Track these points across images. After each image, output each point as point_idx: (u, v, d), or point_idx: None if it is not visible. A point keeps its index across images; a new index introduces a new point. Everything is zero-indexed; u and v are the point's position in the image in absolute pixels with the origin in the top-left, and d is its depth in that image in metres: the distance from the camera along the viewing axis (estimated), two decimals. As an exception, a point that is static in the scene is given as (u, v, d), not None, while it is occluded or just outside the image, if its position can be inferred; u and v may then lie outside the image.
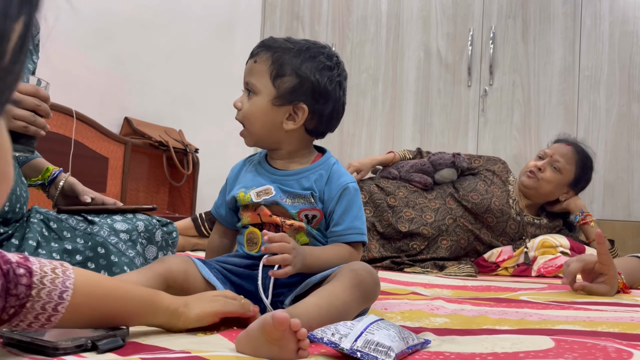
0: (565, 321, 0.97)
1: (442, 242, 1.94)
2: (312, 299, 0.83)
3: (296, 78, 0.98)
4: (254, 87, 1.00)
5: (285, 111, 1.00)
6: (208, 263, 1.00)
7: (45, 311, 0.65)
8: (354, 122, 3.26)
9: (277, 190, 1.01)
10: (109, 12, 2.62)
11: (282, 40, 1.02)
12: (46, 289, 0.65)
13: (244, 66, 1.06)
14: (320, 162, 1.04)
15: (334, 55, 1.03)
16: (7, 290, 0.62)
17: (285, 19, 3.50)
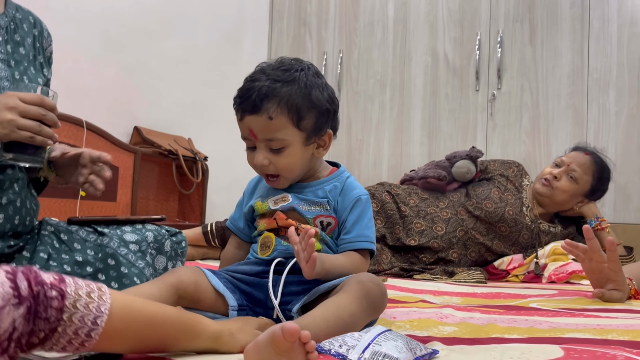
0: (575, 329, 0.96)
1: (452, 255, 1.93)
2: (320, 311, 0.84)
3: (314, 111, 0.99)
4: (283, 142, 0.98)
5: (315, 144, 1.02)
6: (218, 273, 1.01)
7: (78, 336, 0.62)
8: (362, 127, 3.26)
9: (294, 197, 1.03)
10: (118, 22, 2.65)
11: (270, 79, 0.97)
12: (79, 313, 0.62)
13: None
14: (335, 175, 1.07)
15: (310, 65, 1.03)
16: (36, 312, 0.59)
17: (292, 26, 3.52)
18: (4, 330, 0.53)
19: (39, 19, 1.23)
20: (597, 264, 1.30)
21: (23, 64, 1.13)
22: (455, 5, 3.09)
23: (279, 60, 1.02)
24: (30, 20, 1.19)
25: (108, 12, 2.60)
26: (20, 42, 1.14)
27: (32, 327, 0.58)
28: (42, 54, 1.21)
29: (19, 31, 1.15)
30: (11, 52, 1.11)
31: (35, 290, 0.59)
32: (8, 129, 0.92)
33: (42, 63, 1.22)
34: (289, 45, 3.52)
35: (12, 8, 1.15)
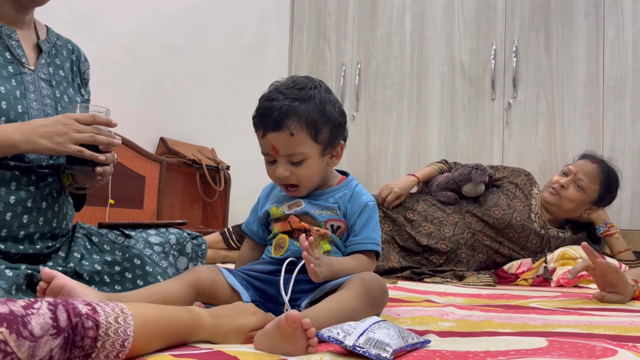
0: (567, 325, 1.02)
1: (461, 256, 1.99)
2: (324, 305, 0.92)
3: (329, 125, 1.09)
4: (303, 155, 1.07)
5: (329, 155, 1.12)
6: (233, 272, 1.10)
7: (108, 358, 0.68)
8: (380, 137, 3.33)
9: (307, 203, 1.12)
10: (144, 39, 2.79)
11: (288, 97, 1.05)
12: (110, 340, 0.67)
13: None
14: (344, 183, 1.17)
15: (320, 82, 1.12)
16: (73, 342, 0.63)
17: (312, 39, 3.63)
18: (40, 358, 0.57)
19: (77, 46, 1.35)
20: (600, 270, 1.36)
21: (63, 85, 1.25)
22: (471, 16, 3.16)
23: (292, 79, 1.12)
24: (69, 47, 1.32)
25: (135, 30, 2.75)
26: (60, 65, 1.27)
27: (68, 355, 0.62)
28: (79, 76, 1.34)
29: (59, 56, 1.27)
30: (52, 74, 1.23)
31: (73, 322, 0.64)
32: (61, 142, 1.04)
33: (80, 84, 1.34)
34: (309, 57, 3.63)
35: (53, 36, 1.29)
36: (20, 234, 1.11)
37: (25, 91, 1.15)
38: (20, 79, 1.15)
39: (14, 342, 0.56)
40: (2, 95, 1.10)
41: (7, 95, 1.10)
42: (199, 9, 3.13)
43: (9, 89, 1.11)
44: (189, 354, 0.76)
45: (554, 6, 2.95)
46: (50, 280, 0.85)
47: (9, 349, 0.55)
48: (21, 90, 1.14)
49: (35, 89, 1.17)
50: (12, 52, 1.15)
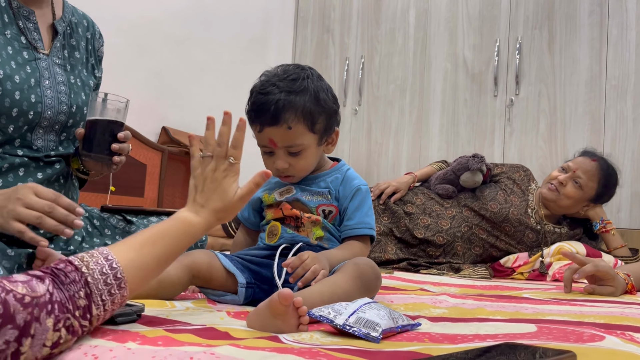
0: (557, 314, 1.03)
1: (457, 249, 2.00)
2: (317, 287, 0.93)
3: (323, 114, 1.09)
4: (301, 146, 1.08)
5: (325, 142, 1.13)
6: (228, 255, 1.11)
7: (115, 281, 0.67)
8: (381, 131, 3.34)
9: (298, 189, 1.13)
10: (148, 29, 2.80)
11: (281, 88, 1.05)
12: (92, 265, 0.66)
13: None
14: (336, 168, 1.18)
15: (311, 69, 1.12)
16: (61, 281, 0.62)
17: (316, 33, 3.63)
18: (44, 300, 0.58)
19: (92, 21, 1.34)
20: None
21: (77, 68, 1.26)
22: (475, 12, 3.16)
23: (283, 69, 1.11)
24: (84, 23, 1.31)
25: (139, 19, 2.76)
26: (76, 46, 1.26)
27: (67, 294, 0.62)
28: (94, 55, 1.33)
29: (74, 35, 1.27)
30: (67, 57, 1.23)
31: (49, 269, 0.64)
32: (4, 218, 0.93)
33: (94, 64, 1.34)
34: (312, 50, 3.63)
35: (68, 12, 1.27)
36: None
37: (40, 78, 1.14)
38: (35, 65, 1.14)
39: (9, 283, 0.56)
40: (17, 84, 1.09)
41: (22, 84, 1.10)
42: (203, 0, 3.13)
43: (23, 77, 1.10)
44: (181, 329, 0.77)
45: (558, 4, 2.95)
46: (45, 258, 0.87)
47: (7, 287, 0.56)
48: (36, 78, 1.13)
49: (50, 75, 1.17)
50: (27, 36, 1.14)
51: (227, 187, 0.84)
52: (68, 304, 0.61)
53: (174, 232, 0.79)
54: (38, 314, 0.56)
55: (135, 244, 0.74)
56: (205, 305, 1.02)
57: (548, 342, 0.74)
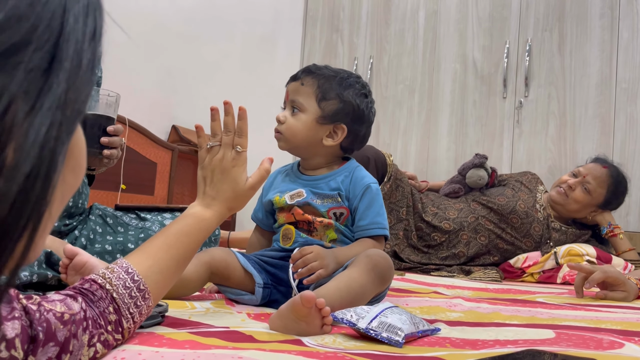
0: (573, 319, 1.03)
1: (462, 237, 2.02)
2: (333, 283, 0.94)
3: (340, 102, 1.12)
4: (301, 105, 1.12)
5: (326, 129, 1.13)
6: (247, 255, 1.12)
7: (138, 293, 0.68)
8: (389, 132, 3.34)
9: (308, 192, 1.14)
10: (159, 27, 2.81)
11: (325, 67, 1.16)
12: (115, 281, 0.66)
13: (285, 77, 1.19)
14: (345, 167, 1.18)
15: (366, 84, 1.18)
16: (90, 299, 0.63)
17: (325, 32, 3.63)
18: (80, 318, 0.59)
19: None
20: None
21: None
22: (485, 13, 3.16)
23: (348, 70, 1.18)
24: None
25: (150, 18, 2.77)
26: None
27: (98, 310, 0.63)
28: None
29: None
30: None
31: (78, 287, 0.65)
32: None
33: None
34: (321, 50, 3.63)
35: None
36: None
37: None
38: None
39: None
40: None
41: None
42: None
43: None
44: (205, 332, 0.78)
45: (569, 6, 2.95)
46: (73, 256, 0.88)
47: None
48: None
49: None
50: None
51: (237, 176, 0.84)
52: (100, 320, 0.63)
53: (187, 231, 0.79)
54: (75, 331, 0.58)
55: (151, 250, 0.74)
56: (224, 307, 1.03)
57: (569, 348, 0.75)
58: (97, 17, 0.38)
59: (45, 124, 0.31)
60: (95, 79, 0.39)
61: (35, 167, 0.30)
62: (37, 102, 0.31)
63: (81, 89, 0.35)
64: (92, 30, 0.37)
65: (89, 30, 0.36)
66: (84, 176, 0.41)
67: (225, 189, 0.83)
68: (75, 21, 0.34)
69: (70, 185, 0.39)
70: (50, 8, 0.33)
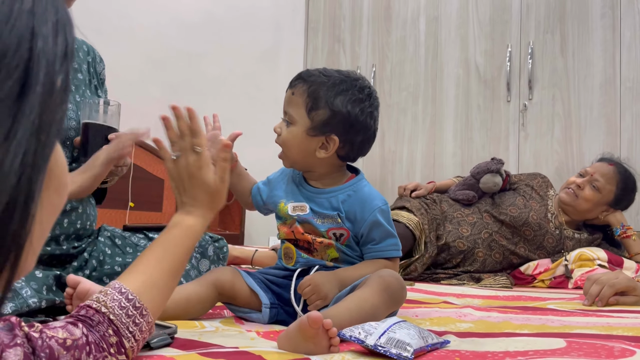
0: (585, 326, 1.03)
1: (477, 255, 2.00)
2: (344, 303, 0.94)
3: (329, 111, 1.05)
4: (291, 117, 1.08)
5: (318, 141, 1.07)
6: (252, 274, 1.13)
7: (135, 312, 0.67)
8: (395, 139, 3.34)
9: (310, 209, 1.10)
10: (162, 45, 2.83)
11: (318, 72, 1.08)
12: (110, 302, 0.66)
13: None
14: (351, 183, 1.12)
15: (367, 86, 1.09)
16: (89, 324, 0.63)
17: (327, 42, 3.65)
18: (82, 342, 0.59)
19: (91, 46, 1.37)
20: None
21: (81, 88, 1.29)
22: (485, 17, 3.16)
23: (348, 72, 1.11)
24: (84, 48, 1.34)
25: (153, 36, 2.79)
26: (78, 68, 1.30)
27: (99, 334, 0.64)
28: (96, 77, 1.37)
29: (75, 59, 1.30)
30: (71, 79, 1.26)
31: (75, 315, 0.65)
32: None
33: (97, 85, 1.37)
34: (324, 60, 3.65)
35: None
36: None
37: None
38: None
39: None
40: None
41: None
42: (216, 15, 3.17)
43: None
44: (215, 352, 0.78)
45: (570, 7, 2.94)
46: (76, 285, 0.88)
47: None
48: None
49: None
50: None
51: (205, 178, 0.83)
52: (102, 344, 0.63)
53: (175, 241, 0.79)
54: (79, 356, 0.58)
55: (141, 267, 0.74)
56: (234, 325, 1.03)
57: (580, 358, 0.74)
58: (68, 35, 0.37)
59: (20, 153, 0.31)
60: (69, 97, 0.38)
61: (12, 198, 0.30)
62: (10, 131, 0.30)
63: (55, 110, 0.34)
64: (64, 49, 0.36)
65: (60, 50, 0.35)
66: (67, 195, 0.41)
67: (199, 193, 0.83)
68: (44, 43, 0.33)
69: (55, 206, 0.39)
70: (17, 33, 0.32)
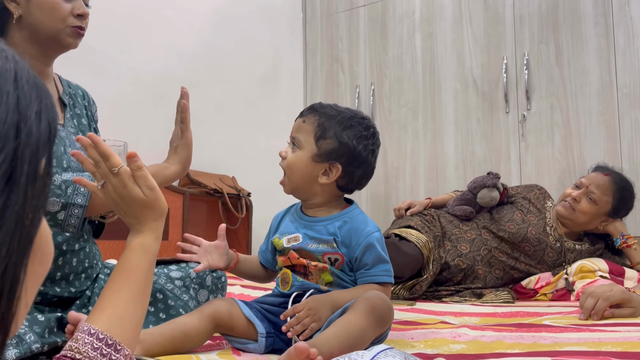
0: (575, 343, 1.04)
1: (478, 272, 2.01)
2: (332, 329, 0.96)
3: (336, 142, 1.14)
4: (299, 142, 1.17)
5: (322, 167, 1.16)
6: (249, 304, 1.15)
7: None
8: (397, 155, 3.37)
9: (305, 237, 1.16)
10: (163, 76, 2.90)
11: (330, 106, 1.19)
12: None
13: (290, 110, 1.24)
14: (346, 212, 1.19)
15: (372, 126, 1.19)
16: None
17: (325, 63, 3.71)
18: None
19: (85, 90, 1.42)
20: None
21: (86, 133, 1.33)
22: (480, 31, 3.19)
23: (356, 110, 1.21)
24: (80, 93, 1.38)
25: (154, 68, 2.86)
26: (80, 114, 1.34)
27: None
28: (93, 120, 1.41)
29: (77, 105, 1.35)
30: (77, 125, 1.30)
31: None
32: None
33: (95, 128, 1.42)
34: (323, 81, 3.70)
35: (66, 85, 1.35)
36: (57, 275, 1.18)
37: (65, 147, 1.22)
38: (59, 137, 1.22)
39: None
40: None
41: (55, 152, 1.17)
42: (214, 43, 3.23)
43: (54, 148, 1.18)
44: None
45: (562, 17, 2.97)
46: (77, 323, 0.92)
47: None
48: (63, 147, 1.21)
49: (70, 142, 1.24)
50: None
51: (133, 195, 0.84)
52: None
53: (131, 265, 0.79)
54: None
55: (104, 302, 0.75)
56: (231, 357, 1.05)
57: (561, 379, 0.76)
58: (51, 120, 0.38)
59: (6, 242, 0.32)
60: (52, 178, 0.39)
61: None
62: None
63: (39, 195, 0.36)
64: (47, 134, 0.37)
65: (44, 135, 0.36)
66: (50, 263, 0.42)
67: (136, 210, 0.84)
68: (28, 135, 0.35)
69: (39, 275, 0.40)
70: (3, 132, 0.33)
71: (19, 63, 0.37)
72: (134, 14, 2.79)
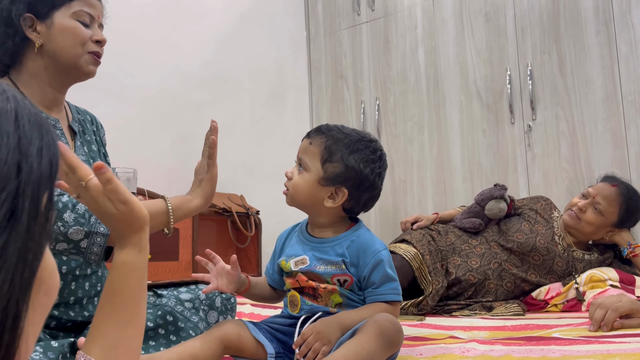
0: (584, 356, 1.04)
1: (489, 286, 2.00)
2: (341, 351, 0.97)
3: (343, 166, 1.14)
4: (306, 164, 1.17)
5: (328, 191, 1.16)
6: (258, 325, 1.16)
7: None
8: (404, 169, 3.38)
9: (312, 259, 1.16)
10: (170, 98, 2.94)
11: (337, 128, 1.19)
12: None
13: (296, 128, 1.25)
14: (352, 230, 1.19)
15: (379, 149, 1.19)
16: None
17: (330, 80, 3.74)
18: None
19: (93, 115, 1.44)
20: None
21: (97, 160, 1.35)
22: (482, 44, 3.21)
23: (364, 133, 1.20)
24: (88, 118, 1.40)
25: (161, 90, 2.91)
26: (90, 140, 1.36)
27: None
28: (102, 144, 1.43)
29: (87, 132, 1.37)
30: (88, 152, 1.32)
31: None
32: None
33: (104, 153, 1.44)
34: (328, 97, 3.73)
35: (75, 111, 1.36)
36: (70, 299, 1.20)
37: None
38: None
39: None
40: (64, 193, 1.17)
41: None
42: (219, 63, 3.28)
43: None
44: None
45: (564, 27, 2.98)
46: None
47: None
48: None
49: None
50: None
51: (105, 210, 0.78)
52: None
53: (118, 286, 0.75)
54: None
55: (95, 330, 0.72)
56: (240, 378, 1.06)
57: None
58: (52, 156, 0.38)
59: (8, 279, 0.32)
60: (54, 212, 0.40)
61: (1, 321, 0.32)
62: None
63: (42, 230, 0.36)
64: (48, 170, 0.37)
65: (45, 172, 0.37)
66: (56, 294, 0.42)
67: (114, 224, 0.79)
68: (30, 172, 0.35)
69: (45, 307, 0.40)
70: (5, 171, 0.34)
71: (20, 103, 0.38)
72: (139, 38, 2.85)
